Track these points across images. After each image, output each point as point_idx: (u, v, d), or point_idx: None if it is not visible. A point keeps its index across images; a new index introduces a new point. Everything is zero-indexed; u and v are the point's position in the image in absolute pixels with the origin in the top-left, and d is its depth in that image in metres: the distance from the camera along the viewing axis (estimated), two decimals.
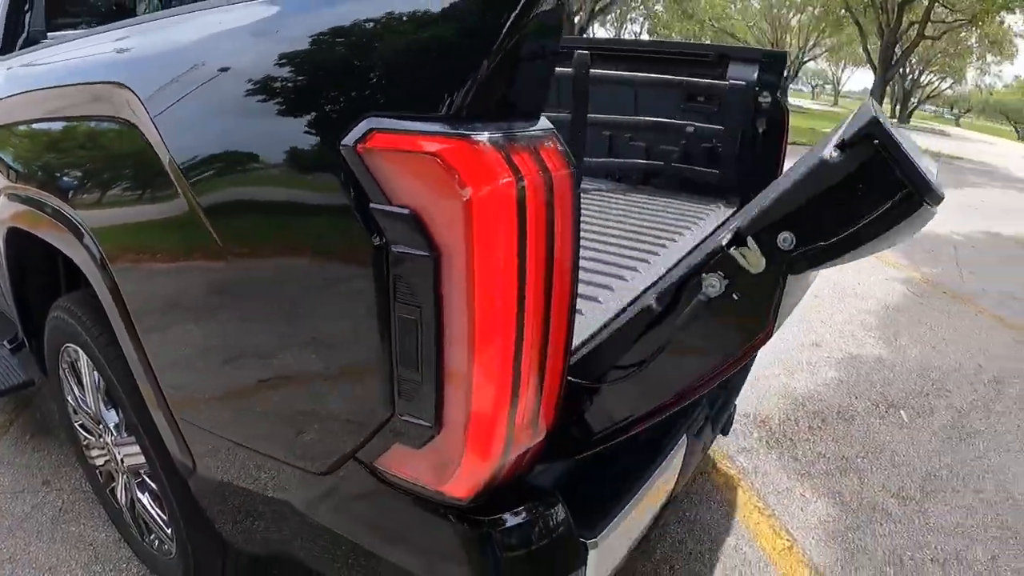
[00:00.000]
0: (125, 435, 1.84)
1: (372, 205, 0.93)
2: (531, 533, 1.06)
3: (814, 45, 44.25)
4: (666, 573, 2.21)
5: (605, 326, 1.44)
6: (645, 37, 46.76)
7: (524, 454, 1.05)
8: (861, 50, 26.00)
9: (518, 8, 0.85)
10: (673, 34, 39.22)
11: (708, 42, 33.16)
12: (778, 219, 0.98)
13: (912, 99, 44.51)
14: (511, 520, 1.05)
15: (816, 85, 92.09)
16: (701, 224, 2.56)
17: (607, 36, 47.11)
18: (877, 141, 0.92)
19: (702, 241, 2.36)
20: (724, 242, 1.00)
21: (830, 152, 0.94)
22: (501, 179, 0.85)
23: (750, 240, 0.99)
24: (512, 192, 0.86)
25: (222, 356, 1.26)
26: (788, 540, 2.45)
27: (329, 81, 1.02)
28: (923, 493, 2.80)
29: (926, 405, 3.60)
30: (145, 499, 1.90)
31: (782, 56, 3.01)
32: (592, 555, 1.14)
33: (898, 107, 43.42)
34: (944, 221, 8.86)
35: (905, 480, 2.89)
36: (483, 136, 0.86)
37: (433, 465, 1.02)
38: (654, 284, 1.84)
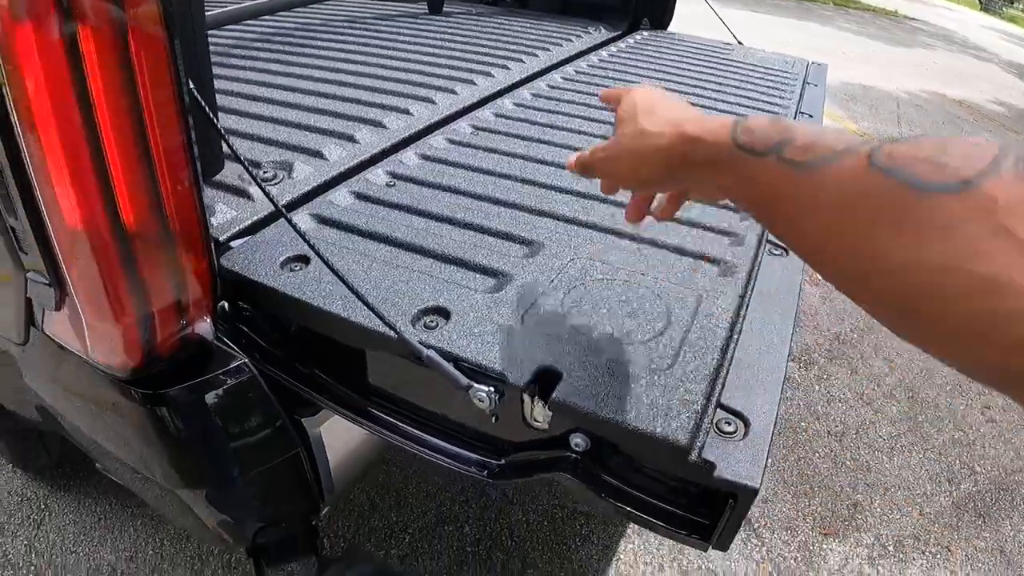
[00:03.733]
0: None
1: None
2: (208, 405, 0.91)
3: None
4: None
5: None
6: None
7: (183, 314, 0.89)
8: None
9: None
10: None
11: None
12: (593, 421, 0.76)
13: None
14: (184, 392, 0.90)
15: None
16: (556, 49, 2.29)
17: None
18: None
19: (550, 66, 2.11)
20: (523, 381, 0.79)
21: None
22: None
23: (538, 401, 0.78)
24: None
25: None
26: None
27: None
28: (828, 358, 2.67)
29: None
30: None
31: None
32: (315, 437, 1.00)
33: None
34: (891, 78, 8.48)
35: (810, 342, 2.75)
36: None
37: (76, 331, 0.87)
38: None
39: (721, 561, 1.81)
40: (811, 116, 1.95)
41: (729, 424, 0.76)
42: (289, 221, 0.88)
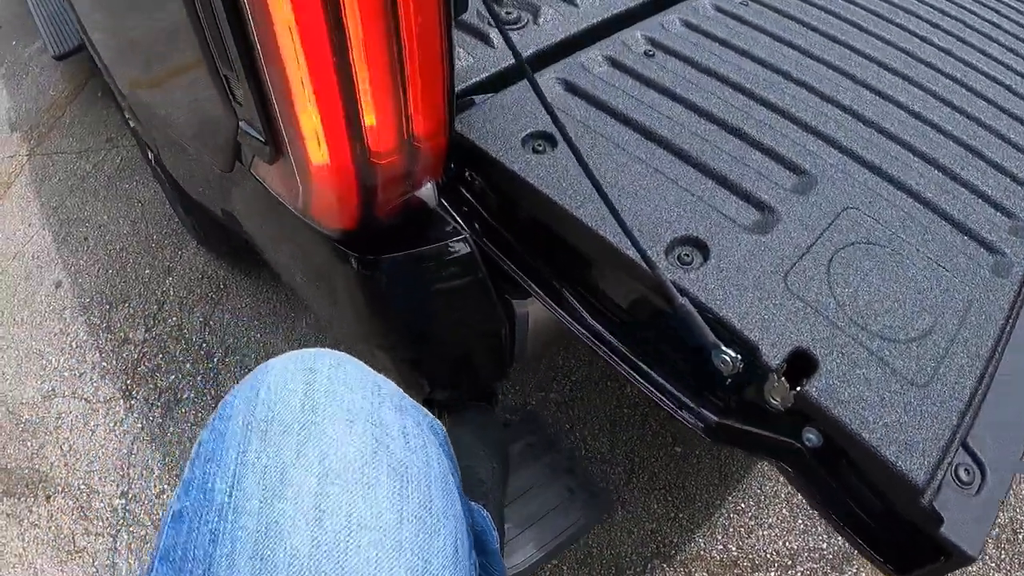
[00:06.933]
0: None
1: None
2: (424, 277, 0.83)
3: None
4: None
5: None
6: None
7: (408, 176, 0.78)
8: None
9: None
10: None
11: None
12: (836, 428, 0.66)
13: None
14: (400, 260, 0.82)
15: None
16: None
17: None
18: None
19: None
20: (776, 361, 0.67)
21: None
22: None
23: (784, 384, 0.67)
24: None
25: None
26: None
27: None
28: None
29: None
30: None
31: None
32: (521, 317, 0.92)
33: None
34: None
35: None
36: None
37: (289, 185, 0.79)
38: None
39: None
40: None
41: (967, 473, 0.66)
42: (534, 85, 0.72)
